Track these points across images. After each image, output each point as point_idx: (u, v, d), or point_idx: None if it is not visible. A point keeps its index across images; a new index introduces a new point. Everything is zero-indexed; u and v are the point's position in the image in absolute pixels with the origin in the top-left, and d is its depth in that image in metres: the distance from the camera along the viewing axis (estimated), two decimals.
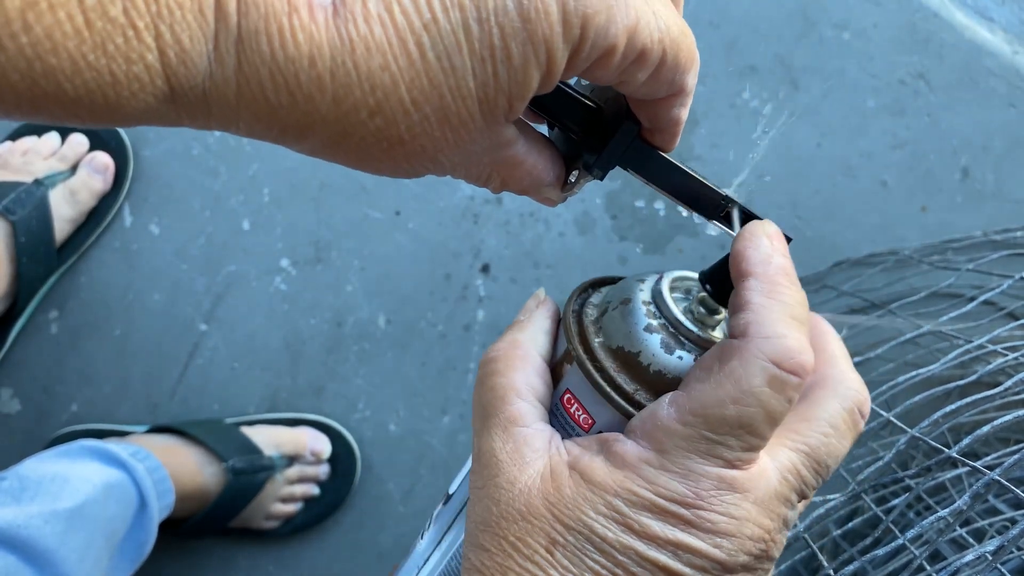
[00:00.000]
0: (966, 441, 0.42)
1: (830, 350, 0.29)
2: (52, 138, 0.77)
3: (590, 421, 0.28)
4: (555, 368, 0.30)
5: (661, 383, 0.27)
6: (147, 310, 0.80)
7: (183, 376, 0.81)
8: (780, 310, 0.25)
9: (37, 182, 0.73)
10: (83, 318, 0.80)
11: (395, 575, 0.38)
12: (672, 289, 0.29)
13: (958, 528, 0.56)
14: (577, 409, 0.28)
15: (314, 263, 0.82)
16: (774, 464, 0.26)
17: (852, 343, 0.71)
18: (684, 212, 0.30)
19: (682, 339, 0.28)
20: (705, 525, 0.24)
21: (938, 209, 0.84)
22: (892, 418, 0.48)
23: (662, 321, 0.28)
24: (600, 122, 0.29)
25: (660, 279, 0.29)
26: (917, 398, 0.48)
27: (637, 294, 0.29)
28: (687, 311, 0.29)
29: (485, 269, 0.83)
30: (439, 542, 0.33)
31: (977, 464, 0.41)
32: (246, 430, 0.76)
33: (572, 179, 0.30)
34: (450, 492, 0.34)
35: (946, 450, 0.44)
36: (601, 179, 0.29)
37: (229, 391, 0.81)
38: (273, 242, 0.81)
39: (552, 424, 0.29)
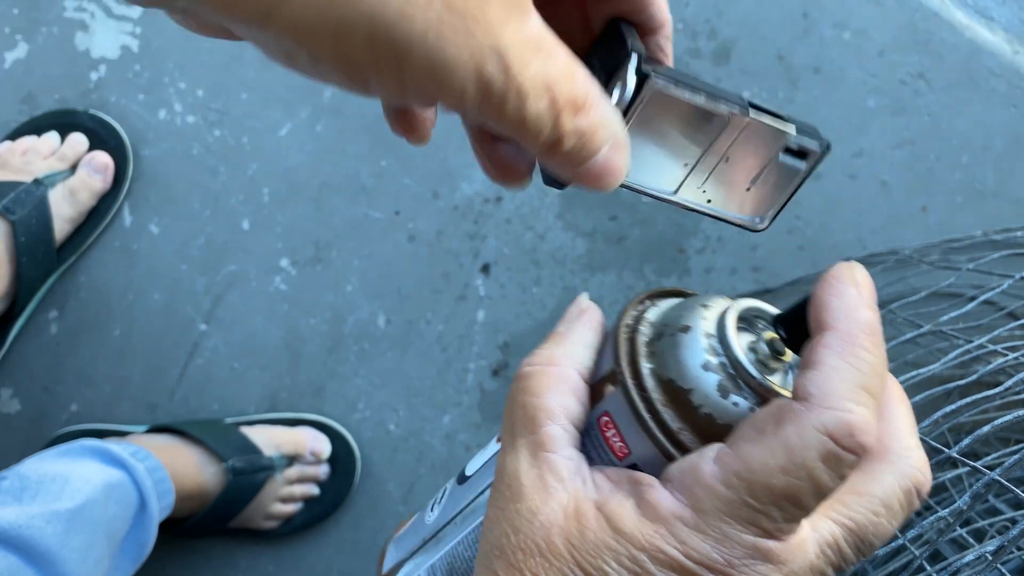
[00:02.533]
0: (966, 441, 0.42)
1: (897, 419, 0.27)
2: (51, 137, 0.77)
3: (625, 451, 0.26)
4: (597, 385, 0.28)
5: (710, 427, 0.25)
6: (147, 310, 0.80)
7: (183, 376, 0.80)
8: (852, 377, 0.23)
9: (37, 182, 0.73)
10: (83, 318, 0.80)
11: (395, 538, 0.37)
12: (740, 322, 0.27)
13: (958, 528, 0.56)
14: (614, 435, 0.26)
15: (314, 263, 0.82)
16: (814, 536, 0.24)
17: None
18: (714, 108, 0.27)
19: (740, 383, 0.25)
20: None
21: (938, 209, 0.84)
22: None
23: (722, 360, 0.26)
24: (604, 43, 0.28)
25: (727, 310, 0.27)
26: (917, 398, 0.48)
27: (699, 323, 0.26)
28: (750, 348, 0.26)
29: (485, 269, 0.83)
30: (451, 520, 0.32)
31: (977, 464, 0.41)
32: (246, 430, 0.76)
33: (620, 91, 0.26)
34: (467, 474, 0.33)
35: (946, 450, 0.44)
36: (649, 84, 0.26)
37: (229, 391, 0.81)
38: (273, 242, 0.81)
39: (584, 444, 0.27)
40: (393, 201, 0.82)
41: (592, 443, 0.27)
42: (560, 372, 0.27)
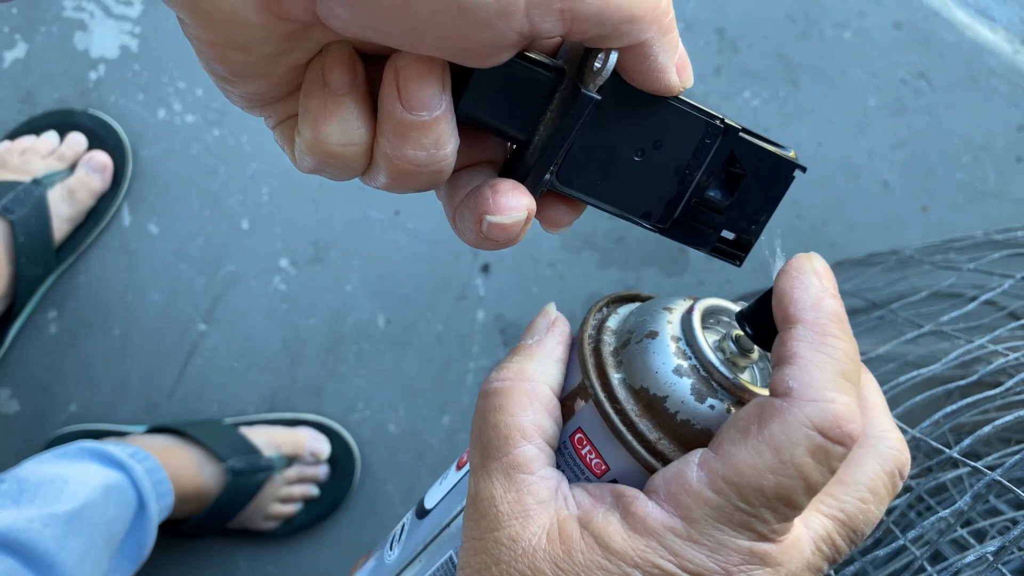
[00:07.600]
0: (967, 441, 0.42)
1: (870, 403, 0.27)
2: (50, 137, 0.77)
3: (603, 467, 0.25)
4: (565, 401, 0.27)
5: (687, 433, 0.25)
6: (146, 310, 0.80)
7: (182, 376, 0.80)
8: (830, 367, 0.22)
9: (35, 181, 0.73)
10: (82, 318, 0.80)
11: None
12: (703, 322, 0.26)
13: (959, 529, 0.56)
14: (589, 452, 0.25)
15: (313, 263, 0.81)
16: (808, 533, 0.24)
17: None
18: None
19: (715, 385, 0.25)
20: None
21: (939, 208, 0.84)
22: (893, 418, 0.48)
23: (693, 363, 0.25)
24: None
25: (691, 311, 0.26)
26: (918, 398, 0.48)
27: (664, 327, 0.25)
28: (717, 348, 0.25)
29: (485, 269, 0.83)
30: (415, 557, 0.31)
31: (978, 464, 0.41)
32: (245, 430, 0.76)
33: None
34: (427, 507, 0.31)
35: (947, 450, 0.44)
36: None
37: (228, 391, 0.81)
38: (272, 242, 0.81)
39: (558, 463, 0.26)
40: (393, 201, 0.82)
41: (566, 463, 0.26)
42: (533, 389, 0.26)
